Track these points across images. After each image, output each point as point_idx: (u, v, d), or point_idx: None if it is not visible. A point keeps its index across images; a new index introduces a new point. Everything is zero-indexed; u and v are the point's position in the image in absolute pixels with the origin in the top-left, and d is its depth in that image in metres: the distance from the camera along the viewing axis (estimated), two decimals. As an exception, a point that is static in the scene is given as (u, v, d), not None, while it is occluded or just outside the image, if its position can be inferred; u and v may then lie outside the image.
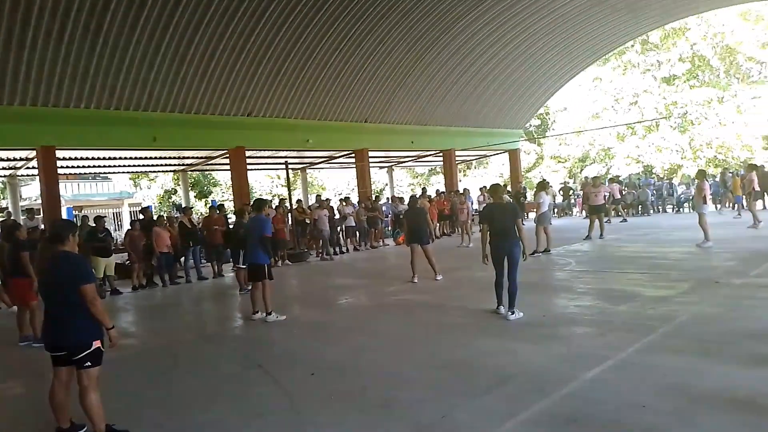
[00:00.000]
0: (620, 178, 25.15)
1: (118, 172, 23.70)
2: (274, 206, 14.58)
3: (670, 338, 5.16)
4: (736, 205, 17.72)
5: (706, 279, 7.72)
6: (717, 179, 21.13)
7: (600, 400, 3.87)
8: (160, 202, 29.90)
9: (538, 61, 20.77)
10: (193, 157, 18.65)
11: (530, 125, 33.34)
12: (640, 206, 21.90)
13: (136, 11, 11.55)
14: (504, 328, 6.04)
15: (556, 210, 23.02)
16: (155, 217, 13.12)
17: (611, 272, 9.18)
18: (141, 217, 13.48)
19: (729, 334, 5.14)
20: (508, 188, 21.85)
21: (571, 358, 4.81)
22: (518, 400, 3.98)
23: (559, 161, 34.77)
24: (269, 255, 7.53)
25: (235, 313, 8.75)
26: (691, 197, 19.39)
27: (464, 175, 36.53)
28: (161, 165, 20.08)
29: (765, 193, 16.13)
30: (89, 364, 3.69)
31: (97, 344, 3.72)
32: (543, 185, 13.11)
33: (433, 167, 33.88)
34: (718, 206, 19.56)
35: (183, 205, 18.52)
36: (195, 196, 28.44)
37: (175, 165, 20.10)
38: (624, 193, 22.06)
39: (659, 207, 22.52)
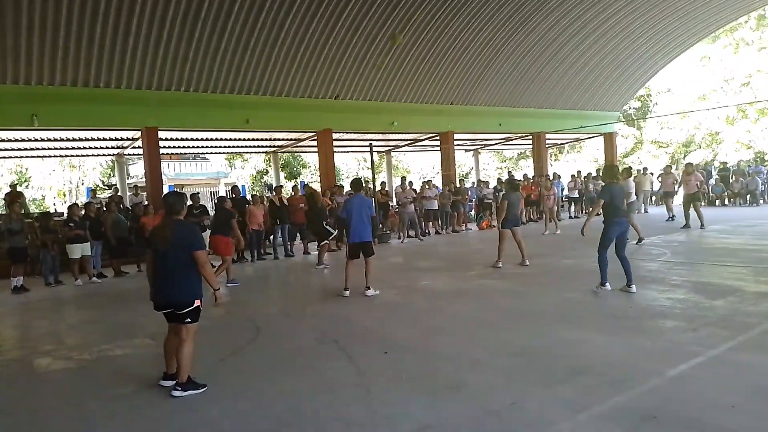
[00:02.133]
0: (708, 165, 23.35)
1: (215, 153, 25.04)
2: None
3: (770, 338, 4.75)
4: None
5: (821, 276, 7.01)
6: None
7: (683, 398, 3.63)
8: (253, 182, 31.28)
9: (637, 39, 19.50)
10: (283, 139, 19.30)
11: (629, 107, 31.49)
12: (748, 195, 20.16)
13: (230, 1, 12.05)
14: (586, 318, 5.81)
15: (653, 198, 21.67)
16: (249, 196, 13.72)
17: (710, 265, 8.54)
18: (233, 195, 14.16)
19: (842, 337, 4.65)
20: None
21: (656, 353, 4.55)
22: (593, 392, 3.82)
23: (660, 146, 32.62)
24: (374, 232, 7.96)
25: (317, 289, 9.03)
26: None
27: (555, 160, 35.25)
28: (254, 146, 20.97)
29: None
30: (189, 320, 4.28)
31: (197, 303, 4.28)
32: (628, 172, 12.56)
33: (522, 151, 32.93)
34: None
35: (273, 185, 19.25)
36: (285, 177, 29.48)
37: (266, 146, 20.90)
38: (732, 181, 20.41)
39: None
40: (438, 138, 19.99)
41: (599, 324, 5.53)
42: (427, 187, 16.62)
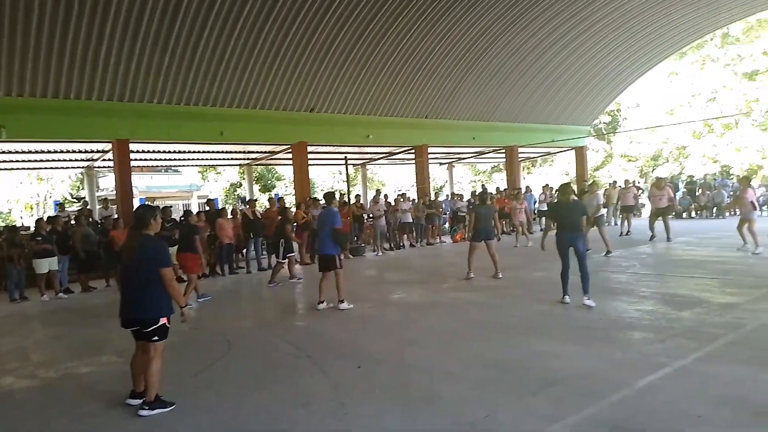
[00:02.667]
0: (675, 179, 24.04)
1: (188, 165, 24.76)
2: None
3: (735, 347, 4.86)
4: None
5: (783, 287, 7.22)
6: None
7: (652, 408, 3.69)
8: (226, 195, 31.00)
9: (608, 55, 20.01)
10: (257, 152, 19.20)
11: (600, 122, 32.16)
12: (714, 208, 20.71)
13: (205, 11, 12.02)
14: (557, 329, 5.88)
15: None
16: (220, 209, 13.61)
17: (677, 276, 8.73)
18: (207, 208, 14.02)
19: (803, 346, 4.79)
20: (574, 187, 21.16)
21: (625, 364, 4.62)
22: (565, 403, 3.86)
23: (629, 160, 33.36)
24: (340, 246, 7.79)
25: (289, 303, 8.95)
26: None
27: (528, 173, 35.74)
28: (227, 159, 20.81)
29: None
30: (157, 338, 4.19)
31: (163, 320, 4.19)
32: (594, 186, 13.00)
33: (496, 164, 33.32)
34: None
35: (247, 198, 19.11)
36: (259, 190, 29.29)
37: (240, 159, 20.76)
38: (698, 193, 20.96)
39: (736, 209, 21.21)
40: (413, 151, 20.13)
41: (570, 335, 5.59)
42: (401, 200, 16.70)
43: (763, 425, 3.37)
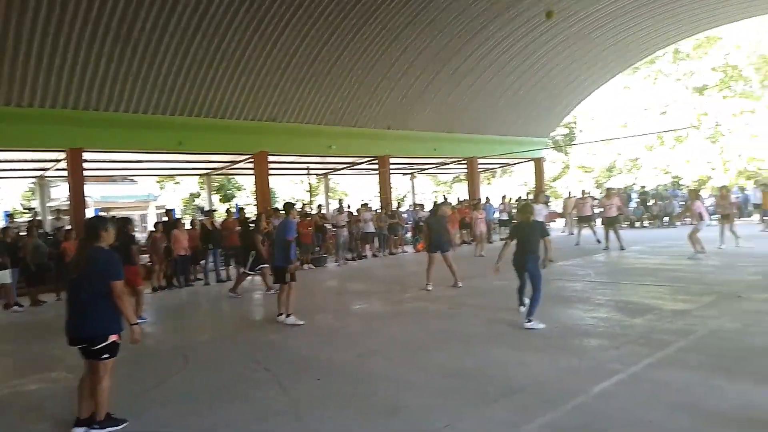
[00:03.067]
0: (629, 189, 24.88)
1: (145, 175, 24.17)
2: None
3: (685, 353, 5.03)
4: (765, 218, 17.20)
5: (729, 293, 7.52)
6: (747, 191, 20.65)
7: (607, 414, 3.78)
8: (185, 205, 30.37)
9: (565, 69, 20.58)
10: (217, 161, 18.89)
11: (557, 134, 32.97)
12: (666, 217, 21.45)
13: (165, 17, 11.81)
14: (516, 338, 5.96)
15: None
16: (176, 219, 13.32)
17: (631, 284, 8.99)
18: (165, 219, 13.71)
19: (747, 350, 4.99)
20: (532, 196, 21.62)
21: (582, 371, 4.72)
22: (524, 411, 3.91)
23: (585, 171, 34.28)
24: (289, 258, 7.58)
25: (248, 315, 8.81)
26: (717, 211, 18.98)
27: (488, 183, 36.28)
28: (186, 168, 20.41)
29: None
30: (106, 356, 3.94)
31: (113, 338, 3.94)
32: (537, 199, 13.31)
33: (457, 175, 33.72)
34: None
35: (206, 208, 18.76)
36: (219, 200, 28.81)
37: (200, 168, 20.39)
38: (650, 204, 21.68)
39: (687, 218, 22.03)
40: (375, 162, 20.18)
41: (529, 344, 5.68)
42: (363, 210, 16.70)
43: (713, 430, 3.48)
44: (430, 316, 7.56)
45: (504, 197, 21.27)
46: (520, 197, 21.83)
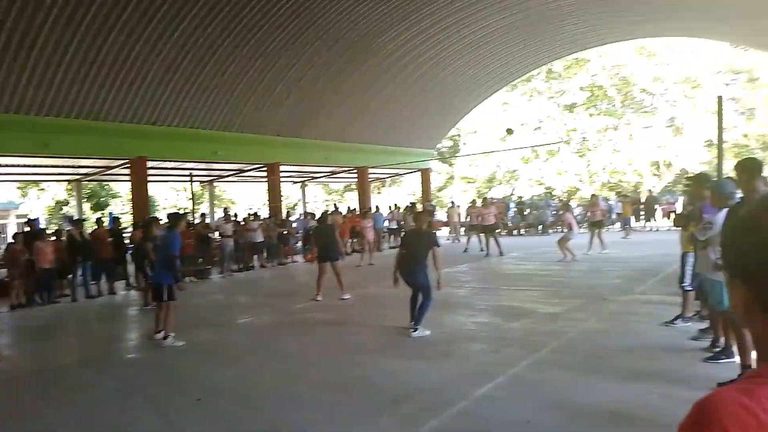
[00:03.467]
0: (507, 199, 26.59)
1: (5, 181, 21.78)
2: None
3: (558, 354, 5.35)
4: (626, 226, 18.96)
5: (596, 296, 8.16)
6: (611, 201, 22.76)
7: (488, 417, 3.91)
8: (50, 214, 27.75)
9: (450, 84, 21.45)
10: (89, 166, 17.43)
11: (442, 146, 34.28)
12: (540, 225, 23.03)
13: (34, 6, 10.67)
14: (402, 346, 6.03)
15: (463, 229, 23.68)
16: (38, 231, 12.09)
17: (509, 289, 9.49)
18: (26, 229, 12.40)
19: (612, 349, 5.41)
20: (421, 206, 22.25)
21: (465, 376, 4.85)
22: (410, 420, 3.94)
23: (468, 181, 35.95)
24: (173, 275, 6.98)
25: (122, 334, 8.18)
26: (586, 219, 20.69)
27: (378, 193, 36.85)
28: (53, 174, 18.66)
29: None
30: None
31: None
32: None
33: (348, 184, 33.91)
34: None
35: (74, 218, 17.23)
36: (90, 208, 26.65)
37: (68, 174, 18.72)
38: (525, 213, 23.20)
39: (558, 227, 23.83)
40: (264, 169, 19.70)
41: (415, 351, 5.76)
42: (251, 219, 16.21)
43: (582, 426, 3.72)
44: (318, 326, 7.46)
45: (393, 206, 21.73)
46: (407, 206, 22.38)
